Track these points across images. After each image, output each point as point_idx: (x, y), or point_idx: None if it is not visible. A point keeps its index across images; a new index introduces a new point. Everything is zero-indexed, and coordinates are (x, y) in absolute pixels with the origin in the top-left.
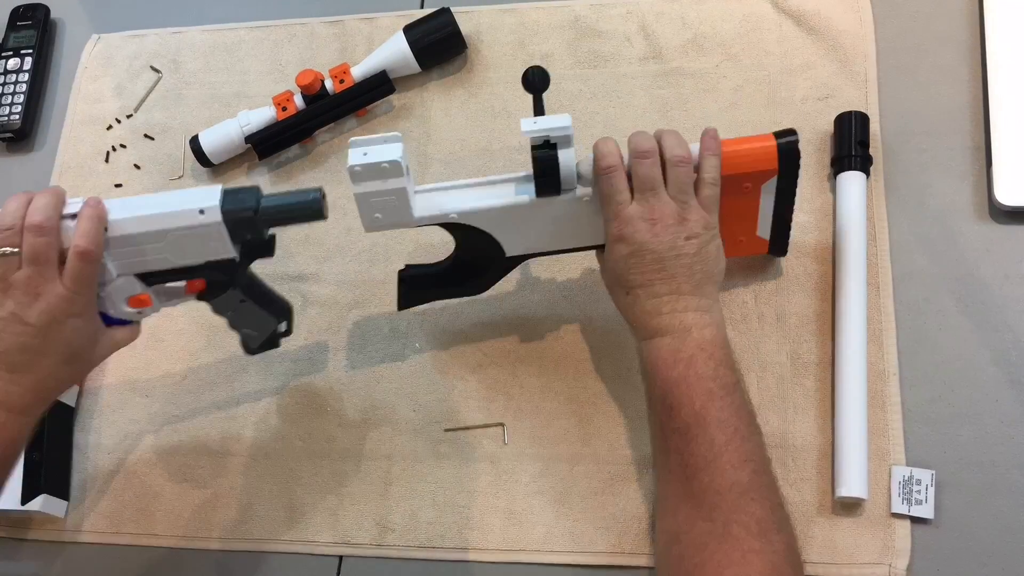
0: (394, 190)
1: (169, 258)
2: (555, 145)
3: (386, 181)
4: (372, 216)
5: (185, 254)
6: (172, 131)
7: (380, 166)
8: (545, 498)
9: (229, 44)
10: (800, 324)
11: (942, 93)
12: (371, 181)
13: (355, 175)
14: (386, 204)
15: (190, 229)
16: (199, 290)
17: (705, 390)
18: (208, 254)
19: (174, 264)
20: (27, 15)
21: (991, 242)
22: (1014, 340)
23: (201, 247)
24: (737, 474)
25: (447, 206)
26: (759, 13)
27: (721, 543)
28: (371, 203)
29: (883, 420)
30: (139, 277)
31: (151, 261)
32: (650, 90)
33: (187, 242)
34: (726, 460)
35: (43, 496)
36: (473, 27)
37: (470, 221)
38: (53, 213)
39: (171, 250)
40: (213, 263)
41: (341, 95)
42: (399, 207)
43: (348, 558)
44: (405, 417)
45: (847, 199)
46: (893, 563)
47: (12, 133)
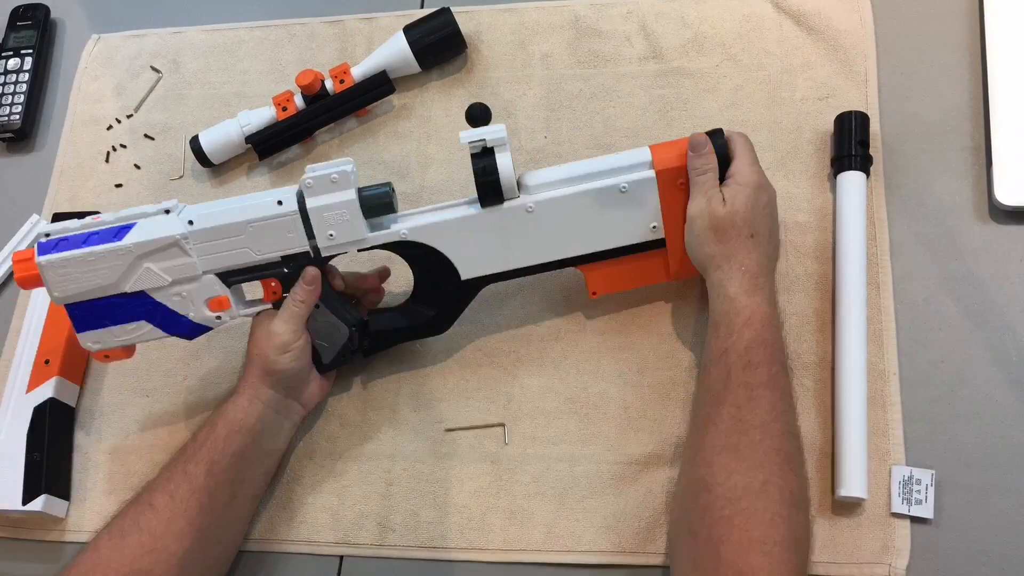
0: (345, 203)
1: (249, 251)
2: (493, 151)
3: (335, 194)
4: (326, 235)
5: (263, 246)
6: (172, 131)
7: (330, 177)
8: (545, 498)
9: (229, 44)
10: (800, 324)
11: (942, 93)
12: (323, 195)
13: (307, 188)
14: (339, 220)
15: (269, 219)
16: (275, 295)
17: (783, 359)
18: (285, 246)
19: (254, 258)
20: (27, 15)
21: (991, 242)
22: (1014, 340)
23: (278, 239)
24: (785, 443)
25: (397, 225)
26: (759, 13)
27: (756, 500)
28: (324, 218)
29: (883, 420)
30: (219, 277)
31: (232, 255)
32: (650, 90)
33: (266, 234)
34: (779, 427)
35: (44, 496)
36: (473, 27)
37: (421, 238)
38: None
39: (251, 242)
40: (289, 257)
41: (341, 95)
42: (351, 223)
43: (348, 558)
44: (405, 417)
45: (847, 199)
46: (893, 563)
47: (12, 133)
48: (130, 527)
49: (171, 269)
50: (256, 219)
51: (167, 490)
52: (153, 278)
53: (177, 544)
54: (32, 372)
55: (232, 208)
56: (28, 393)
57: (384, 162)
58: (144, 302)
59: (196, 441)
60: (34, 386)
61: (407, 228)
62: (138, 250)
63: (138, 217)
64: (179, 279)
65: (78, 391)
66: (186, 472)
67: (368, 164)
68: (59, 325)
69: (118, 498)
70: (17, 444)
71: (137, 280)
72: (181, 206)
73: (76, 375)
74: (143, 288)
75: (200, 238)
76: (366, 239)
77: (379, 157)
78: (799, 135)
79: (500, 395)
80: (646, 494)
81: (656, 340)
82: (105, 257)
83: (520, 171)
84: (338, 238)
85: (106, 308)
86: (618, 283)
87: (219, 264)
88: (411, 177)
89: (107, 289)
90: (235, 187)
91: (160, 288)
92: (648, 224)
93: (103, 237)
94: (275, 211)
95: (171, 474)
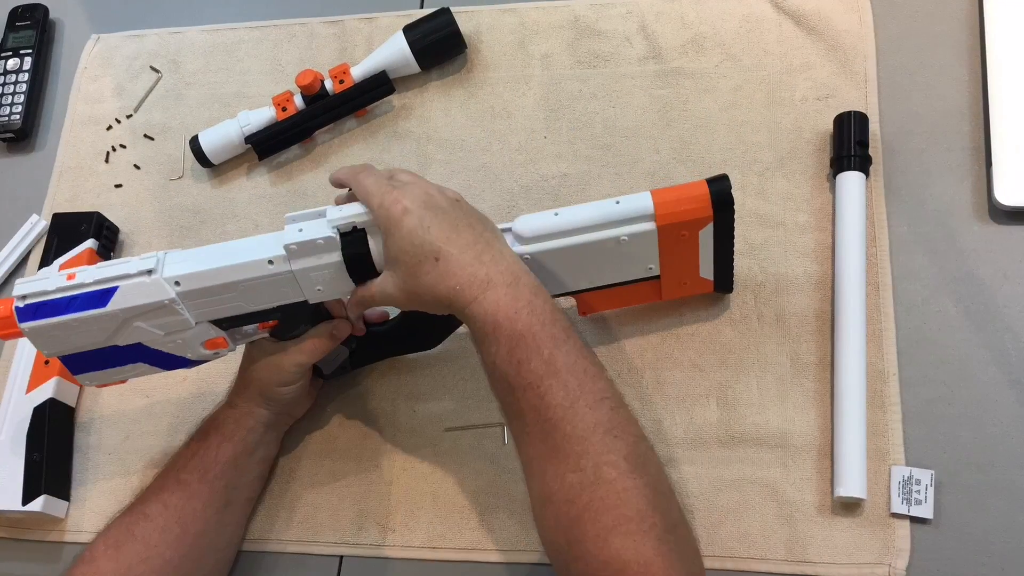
0: (330, 264)
1: (242, 305)
2: (363, 231)
3: (321, 256)
4: (314, 289)
5: (258, 300)
6: (172, 131)
7: (315, 243)
8: None
9: (229, 44)
10: (800, 324)
11: (942, 93)
12: (307, 257)
13: (291, 253)
14: (324, 277)
15: (260, 279)
16: (272, 328)
17: (550, 336)
18: (279, 299)
19: (247, 310)
20: (26, 15)
21: (991, 242)
22: (1014, 340)
23: (273, 293)
24: (596, 414)
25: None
26: (759, 13)
27: (595, 489)
28: (311, 277)
29: (883, 420)
30: (214, 323)
31: (225, 309)
32: (650, 90)
33: (259, 290)
34: (583, 403)
35: (44, 497)
36: (473, 27)
37: None
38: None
39: (244, 298)
40: (285, 306)
41: (341, 95)
42: (338, 279)
43: (348, 558)
44: (405, 417)
45: (847, 199)
46: (893, 563)
47: (12, 133)
48: (124, 537)
49: (163, 325)
50: (247, 280)
51: (160, 499)
52: (145, 333)
53: (172, 551)
54: (32, 372)
55: (221, 267)
56: (28, 393)
57: (384, 162)
58: (139, 349)
59: (188, 450)
60: (34, 386)
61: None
62: (125, 315)
63: (120, 279)
64: (172, 331)
65: (78, 391)
66: (179, 480)
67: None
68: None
69: (117, 498)
70: (17, 444)
71: (129, 335)
72: (163, 260)
73: None
74: (137, 341)
75: (189, 298)
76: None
77: (379, 157)
78: (799, 135)
79: None
80: None
81: (656, 339)
82: (92, 321)
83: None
84: (326, 292)
85: (100, 356)
86: (608, 304)
87: (212, 315)
88: None
89: (99, 344)
90: (235, 187)
91: (154, 339)
92: (645, 266)
93: (85, 302)
94: (266, 271)
95: (164, 483)
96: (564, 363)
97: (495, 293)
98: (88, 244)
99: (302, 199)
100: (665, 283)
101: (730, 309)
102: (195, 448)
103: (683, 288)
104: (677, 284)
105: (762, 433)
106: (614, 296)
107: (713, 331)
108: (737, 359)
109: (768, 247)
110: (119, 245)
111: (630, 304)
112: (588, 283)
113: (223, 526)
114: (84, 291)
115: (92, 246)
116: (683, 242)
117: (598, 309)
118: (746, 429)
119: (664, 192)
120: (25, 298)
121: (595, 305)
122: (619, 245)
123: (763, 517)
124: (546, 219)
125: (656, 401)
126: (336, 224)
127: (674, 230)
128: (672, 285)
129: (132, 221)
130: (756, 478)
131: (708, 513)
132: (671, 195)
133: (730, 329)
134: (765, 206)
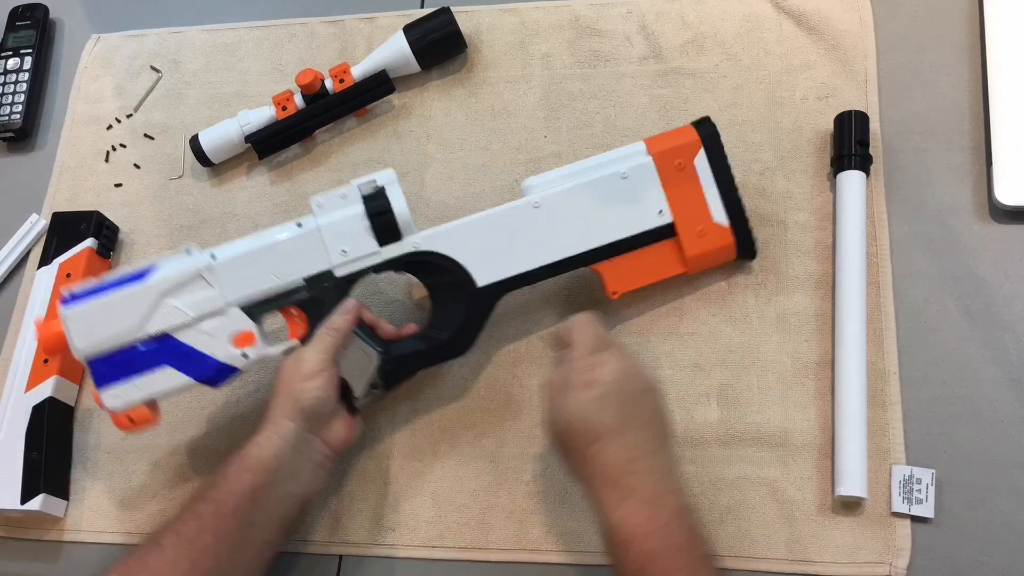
0: (353, 216)
1: (272, 275)
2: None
3: (345, 210)
4: (338, 251)
5: (285, 269)
6: (172, 131)
7: (339, 196)
8: (545, 498)
9: (229, 44)
10: (800, 324)
11: (942, 93)
12: (332, 212)
13: (318, 208)
14: (348, 233)
15: (289, 240)
16: (302, 332)
17: (684, 564)
18: (306, 266)
19: (276, 283)
20: (26, 15)
21: (991, 242)
22: (1014, 340)
23: (300, 260)
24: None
25: (409, 238)
26: (759, 13)
27: None
28: (336, 234)
29: (883, 419)
30: (244, 311)
31: (255, 281)
32: (650, 90)
33: (287, 256)
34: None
35: (43, 496)
36: (473, 27)
37: (433, 246)
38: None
39: (273, 266)
40: (312, 279)
41: (341, 95)
42: (361, 235)
43: (348, 557)
44: (405, 416)
45: (847, 198)
46: (893, 562)
47: (13, 133)
48: (138, 567)
49: (194, 304)
50: (277, 242)
51: (175, 528)
52: (176, 315)
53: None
54: (31, 371)
55: (252, 238)
56: (27, 392)
57: (384, 162)
58: (167, 345)
59: (213, 477)
60: (33, 385)
61: (418, 239)
62: (161, 286)
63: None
64: (203, 314)
65: (77, 390)
66: (195, 510)
67: (368, 164)
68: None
69: (116, 498)
70: (16, 443)
71: (160, 319)
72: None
73: (75, 374)
74: (166, 327)
75: (223, 268)
76: (379, 252)
77: (379, 157)
78: (799, 135)
79: (500, 395)
80: None
81: (656, 339)
82: (128, 299)
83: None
84: (351, 253)
85: (128, 358)
86: (636, 279)
87: (243, 293)
88: (411, 177)
89: (130, 333)
90: (235, 186)
91: (184, 326)
92: (655, 209)
93: (126, 280)
94: (295, 232)
95: (183, 512)
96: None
97: (631, 506)
98: (88, 243)
99: (302, 198)
100: (683, 235)
101: (730, 308)
102: (218, 476)
103: (703, 240)
104: (695, 234)
105: (763, 432)
106: (638, 268)
107: (713, 331)
108: (737, 358)
109: (768, 246)
110: (119, 244)
111: (657, 279)
112: (605, 236)
113: (235, 566)
114: (126, 273)
115: (92, 245)
116: (683, 174)
117: (626, 287)
118: (746, 428)
119: (655, 136)
120: (72, 294)
121: (621, 281)
122: (623, 182)
123: (764, 516)
124: (551, 172)
125: None
126: (358, 184)
127: (669, 159)
128: (691, 236)
129: (132, 220)
130: (757, 477)
131: (709, 512)
132: (659, 136)
133: (730, 328)
134: (765, 205)
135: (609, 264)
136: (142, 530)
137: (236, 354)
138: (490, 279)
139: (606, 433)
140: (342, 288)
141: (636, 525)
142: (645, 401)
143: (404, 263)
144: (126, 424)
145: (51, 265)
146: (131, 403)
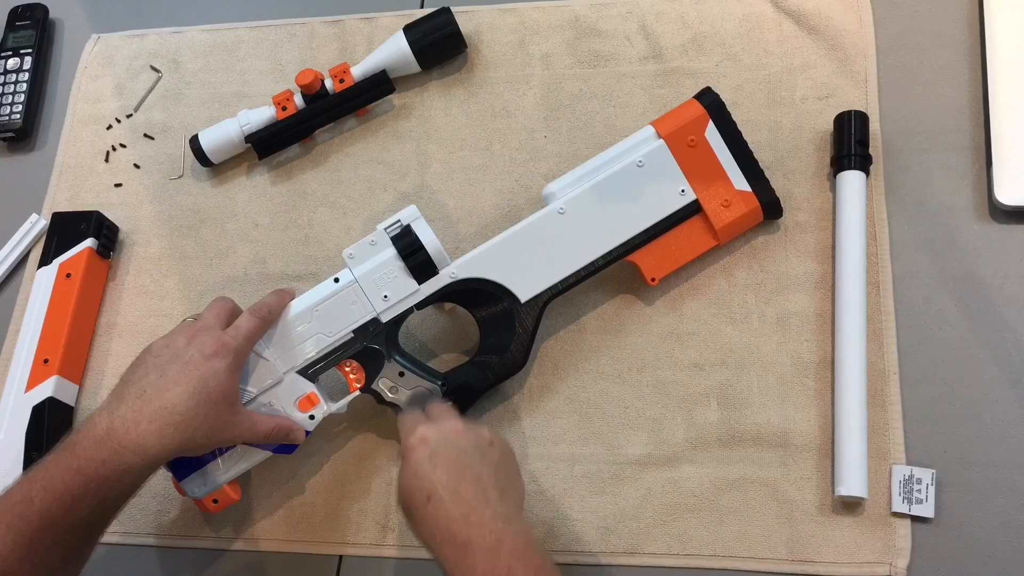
0: (387, 260)
1: (321, 335)
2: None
3: (377, 255)
4: (380, 297)
5: (333, 326)
6: (172, 131)
7: (368, 243)
8: (545, 498)
9: (229, 44)
10: (800, 324)
11: (942, 93)
12: (366, 262)
13: (351, 260)
14: (387, 278)
15: (330, 297)
16: (361, 383)
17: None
18: (352, 318)
19: (327, 342)
20: (26, 15)
21: (991, 242)
22: (1014, 340)
23: (345, 314)
24: None
25: (445, 270)
26: (759, 13)
27: None
28: (375, 281)
29: (883, 419)
30: (301, 374)
31: (306, 344)
32: (650, 90)
33: (331, 313)
34: None
35: None
36: (473, 27)
37: (471, 273)
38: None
39: (320, 326)
40: (360, 330)
41: (341, 95)
42: (400, 279)
43: (348, 558)
44: None
45: (847, 198)
46: (894, 562)
47: (12, 132)
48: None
49: (255, 380)
50: (319, 301)
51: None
52: (241, 395)
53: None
54: (31, 371)
55: (292, 304)
56: (27, 392)
57: (384, 162)
58: None
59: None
60: (33, 385)
61: (454, 268)
62: None
63: None
64: (264, 387)
65: (77, 390)
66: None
67: (368, 164)
68: (58, 324)
69: None
70: (16, 443)
71: None
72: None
73: (75, 374)
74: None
75: (274, 339)
76: (419, 291)
77: (379, 157)
78: (799, 135)
79: (499, 395)
80: (646, 494)
81: (656, 339)
82: None
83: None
84: (392, 297)
85: None
86: (671, 262)
87: (297, 358)
88: (411, 177)
89: None
90: (235, 186)
91: (247, 403)
92: (676, 190)
93: None
94: (334, 288)
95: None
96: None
97: (471, 558)
98: (88, 243)
99: (302, 198)
100: (709, 209)
101: (730, 308)
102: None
103: (729, 209)
104: (721, 206)
105: (763, 432)
106: (672, 250)
107: (713, 331)
108: (738, 359)
109: (768, 246)
110: (119, 244)
111: (691, 257)
112: (634, 227)
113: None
114: None
115: (91, 245)
116: (697, 150)
117: (663, 272)
118: (747, 429)
119: (661, 118)
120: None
121: (658, 266)
122: (640, 170)
123: (764, 517)
124: (566, 176)
125: (656, 401)
126: (384, 227)
127: (680, 137)
128: (716, 209)
129: (132, 220)
130: (757, 478)
131: (709, 513)
132: (665, 116)
133: (730, 328)
134: None
135: (643, 252)
136: (141, 530)
137: (303, 418)
138: (532, 292)
139: (440, 488)
140: (391, 329)
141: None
142: (482, 455)
143: (445, 294)
144: (212, 508)
145: (51, 265)
146: (214, 487)
